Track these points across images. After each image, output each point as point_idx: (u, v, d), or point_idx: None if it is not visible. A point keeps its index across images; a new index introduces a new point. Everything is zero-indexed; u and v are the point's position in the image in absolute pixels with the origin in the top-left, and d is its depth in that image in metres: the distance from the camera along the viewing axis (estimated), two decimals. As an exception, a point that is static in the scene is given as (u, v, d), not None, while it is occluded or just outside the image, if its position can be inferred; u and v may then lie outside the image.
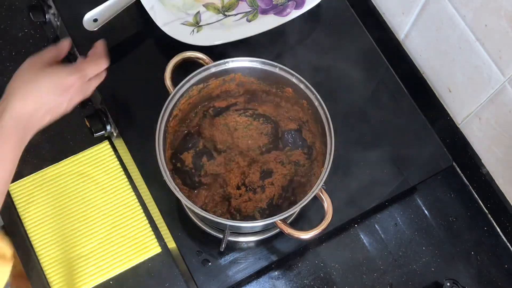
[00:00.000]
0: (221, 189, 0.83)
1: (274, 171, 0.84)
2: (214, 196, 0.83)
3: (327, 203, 0.74)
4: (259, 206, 0.82)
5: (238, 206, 0.82)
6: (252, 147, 0.85)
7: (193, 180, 0.82)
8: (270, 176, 0.83)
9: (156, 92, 0.84)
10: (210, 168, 0.83)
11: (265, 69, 0.82)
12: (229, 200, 0.82)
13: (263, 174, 0.83)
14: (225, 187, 0.83)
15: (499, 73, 0.83)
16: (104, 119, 0.93)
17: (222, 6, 0.98)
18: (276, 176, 0.83)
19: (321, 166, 0.77)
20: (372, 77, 0.98)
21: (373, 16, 1.05)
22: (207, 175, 0.83)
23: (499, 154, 0.91)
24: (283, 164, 0.84)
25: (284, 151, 0.85)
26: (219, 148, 0.85)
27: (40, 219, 0.93)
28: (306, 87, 0.80)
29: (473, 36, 0.85)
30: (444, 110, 0.99)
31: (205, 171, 0.83)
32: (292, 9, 0.96)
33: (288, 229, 0.73)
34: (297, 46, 0.98)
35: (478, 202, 0.98)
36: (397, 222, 0.94)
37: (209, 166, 0.84)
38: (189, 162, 0.83)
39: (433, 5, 0.91)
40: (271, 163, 0.84)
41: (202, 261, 0.84)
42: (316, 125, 0.81)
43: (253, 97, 0.87)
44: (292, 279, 0.90)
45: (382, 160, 0.92)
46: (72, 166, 0.97)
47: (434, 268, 0.92)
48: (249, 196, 0.82)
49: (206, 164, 0.83)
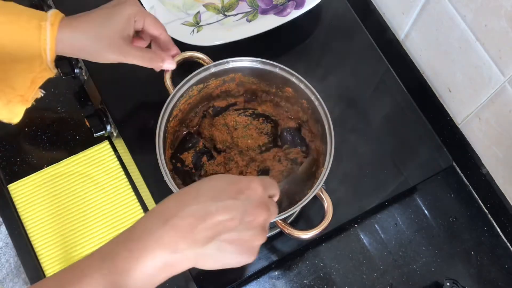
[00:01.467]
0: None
1: (271, 169, 0.84)
2: None
3: (327, 202, 0.74)
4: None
5: None
6: (251, 147, 0.85)
7: (193, 180, 0.82)
8: (267, 174, 0.83)
9: (156, 92, 0.84)
10: (210, 168, 0.83)
11: (265, 69, 0.82)
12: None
13: (260, 173, 0.83)
14: None
15: (499, 73, 0.83)
16: (104, 119, 0.93)
17: (222, 6, 0.98)
18: (273, 173, 0.83)
19: (321, 166, 0.77)
20: (372, 77, 0.98)
21: (373, 16, 1.05)
22: (207, 175, 0.83)
23: (499, 154, 0.91)
24: (280, 161, 0.84)
25: (283, 148, 0.85)
26: (218, 147, 0.85)
27: (40, 219, 0.93)
28: (306, 86, 0.81)
29: (473, 36, 0.85)
30: (444, 110, 0.99)
31: (205, 171, 0.83)
32: (292, 9, 0.96)
33: (288, 229, 0.73)
34: (297, 46, 0.98)
35: (478, 202, 0.98)
36: (397, 222, 0.94)
37: (209, 166, 0.84)
38: (189, 162, 0.83)
39: (433, 5, 0.91)
40: (268, 161, 0.84)
41: (202, 261, 0.84)
42: (316, 125, 0.81)
43: (253, 96, 0.87)
44: (292, 279, 0.90)
45: (382, 160, 0.92)
46: (72, 166, 0.97)
47: (434, 268, 0.92)
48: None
49: (206, 164, 0.83)
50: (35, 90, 0.76)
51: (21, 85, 0.74)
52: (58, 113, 1.01)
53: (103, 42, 0.74)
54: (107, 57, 0.75)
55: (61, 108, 1.01)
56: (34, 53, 0.72)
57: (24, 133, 0.98)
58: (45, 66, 0.74)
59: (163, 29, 0.80)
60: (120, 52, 0.75)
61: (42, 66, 0.74)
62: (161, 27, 0.80)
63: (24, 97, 0.75)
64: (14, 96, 0.74)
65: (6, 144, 0.97)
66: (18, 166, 0.96)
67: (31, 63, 0.73)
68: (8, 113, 0.76)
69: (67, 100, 1.02)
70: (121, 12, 0.75)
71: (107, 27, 0.74)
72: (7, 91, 0.73)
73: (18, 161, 0.96)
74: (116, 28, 0.75)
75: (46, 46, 0.72)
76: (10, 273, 1.49)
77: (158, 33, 0.80)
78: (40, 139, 0.98)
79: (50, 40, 0.72)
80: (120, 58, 0.76)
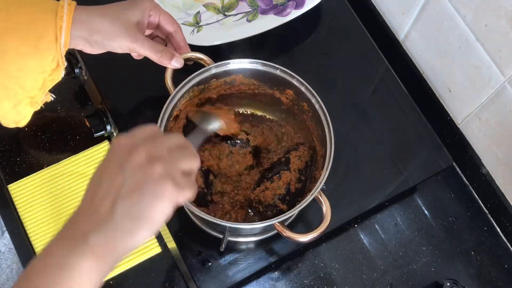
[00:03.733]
0: (236, 195, 0.84)
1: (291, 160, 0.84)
2: (231, 203, 0.83)
3: (326, 206, 0.74)
4: (277, 193, 0.82)
5: (257, 197, 0.82)
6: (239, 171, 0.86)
7: (206, 200, 0.82)
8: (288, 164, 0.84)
9: (156, 92, 0.84)
10: (218, 185, 0.84)
11: (266, 70, 0.82)
12: (249, 196, 0.83)
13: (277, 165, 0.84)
14: (239, 190, 0.84)
15: (499, 73, 0.83)
16: (104, 119, 0.93)
17: (222, 6, 0.98)
18: (292, 159, 0.83)
19: (320, 169, 0.77)
20: (372, 77, 0.98)
21: (373, 16, 1.05)
22: (217, 193, 0.83)
23: (499, 154, 0.91)
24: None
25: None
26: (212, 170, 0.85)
27: (40, 219, 0.93)
28: (307, 89, 0.80)
29: (473, 36, 0.85)
30: (444, 110, 0.99)
31: (215, 188, 0.83)
32: (292, 9, 0.96)
33: (286, 232, 0.73)
34: (296, 46, 0.98)
35: (478, 202, 0.98)
36: (397, 222, 0.94)
37: (218, 183, 0.84)
38: (200, 183, 0.82)
39: (433, 5, 0.91)
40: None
41: (202, 261, 0.84)
42: (317, 128, 0.81)
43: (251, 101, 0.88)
44: (292, 279, 0.90)
45: (382, 160, 0.92)
46: (72, 166, 0.97)
47: (434, 268, 0.92)
48: (266, 185, 0.82)
49: (215, 182, 0.83)
50: (45, 92, 0.76)
51: (32, 86, 0.74)
52: (58, 113, 1.01)
53: (118, 25, 0.75)
54: (120, 42, 0.76)
55: (61, 108, 1.01)
56: (49, 39, 0.72)
57: (24, 133, 0.98)
58: (57, 61, 0.74)
59: (177, 27, 0.82)
60: (133, 38, 0.76)
61: (54, 62, 0.73)
62: (176, 24, 0.82)
63: (34, 99, 0.76)
64: (24, 98, 0.74)
65: (6, 144, 0.97)
66: (18, 166, 0.96)
67: (44, 57, 0.73)
68: (16, 115, 0.76)
69: (67, 100, 1.02)
70: (137, 4, 0.78)
71: (123, 15, 0.76)
72: (18, 91, 0.73)
73: (18, 161, 0.96)
74: (132, 17, 0.77)
75: (62, 24, 0.72)
76: (11, 278, 1.49)
77: (172, 30, 0.82)
78: (40, 139, 0.98)
79: (67, 18, 0.72)
80: (132, 45, 0.76)
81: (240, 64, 0.82)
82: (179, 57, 0.80)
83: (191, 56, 0.83)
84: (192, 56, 0.83)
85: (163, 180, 0.55)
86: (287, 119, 0.88)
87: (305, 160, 0.84)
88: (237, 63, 0.82)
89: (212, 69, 0.81)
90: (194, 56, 0.83)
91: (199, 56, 0.83)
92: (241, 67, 0.82)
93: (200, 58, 0.83)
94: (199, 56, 0.83)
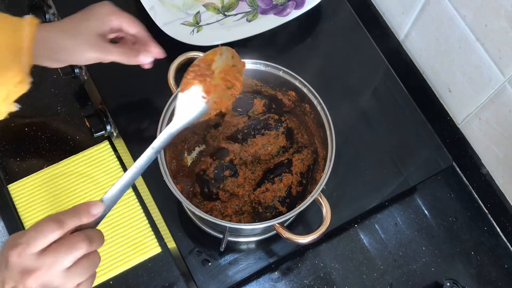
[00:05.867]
0: (245, 205, 0.83)
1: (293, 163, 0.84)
2: (235, 211, 0.83)
3: (326, 208, 0.74)
4: (278, 195, 0.81)
5: (257, 198, 0.82)
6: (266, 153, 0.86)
7: (209, 189, 0.82)
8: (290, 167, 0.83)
9: (156, 92, 0.83)
10: (229, 186, 0.83)
11: (268, 71, 0.81)
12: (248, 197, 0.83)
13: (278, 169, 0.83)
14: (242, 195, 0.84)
15: (499, 73, 0.83)
16: (104, 119, 0.93)
17: (222, 6, 0.98)
18: (294, 162, 0.83)
19: (321, 171, 0.77)
20: (372, 77, 0.98)
21: (373, 16, 1.05)
22: (224, 190, 0.83)
23: (499, 154, 0.91)
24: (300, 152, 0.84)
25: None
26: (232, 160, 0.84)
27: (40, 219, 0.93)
28: (309, 91, 0.80)
29: (473, 36, 0.85)
30: (444, 110, 0.99)
31: (224, 184, 0.82)
32: (292, 9, 0.96)
33: (286, 233, 0.73)
34: (296, 46, 0.98)
35: (478, 202, 0.98)
36: (397, 222, 0.94)
37: (230, 183, 0.83)
38: (210, 172, 0.82)
39: (433, 5, 0.91)
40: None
41: (202, 261, 0.84)
42: (318, 130, 0.81)
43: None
44: (292, 279, 0.90)
45: (382, 160, 0.92)
46: (72, 166, 0.97)
47: (434, 268, 0.92)
48: (267, 187, 0.82)
49: (228, 179, 0.82)
50: (9, 104, 0.75)
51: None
52: (58, 113, 1.01)
53: (80, 39, 0.75)
54: (86, 55, 0.76)
55: (61, 108, 1.01)
56: (11, 59, 0.71)
57: (24, 133, 0.98)
58: (20, 77, 0.73)
59: (140, 27, 0.81)
60: (98, 48, 0.76)
61: (17, 77, 0.72)
62: (138, 25, 0.81)
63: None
64: None
65: (6, 144, 0.97)
66: (18, 166, 0.96)
67: (6, 74, 0.72)
68: None
69: (67, 100, 1.02)
70: (95, 12, 0.77)
71: (83, 26, 0.76)
72: None
73: (18, 161, 0.96)
74: (91, 26, 0.76)
75: (22, 45, 0.72)
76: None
77: (135, 31, 0.81)
78: (40, 139, 0.98)
79: (28, 37, 0.72)
80: (98, 55, 0.76)
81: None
82: (147, 51, 0.80)
83: (192, 56, 0.83)
84: (193, 56, 0.83)
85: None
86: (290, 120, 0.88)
87: (307, 163, 0.83)
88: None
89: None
90: (196, 56, 0.83)
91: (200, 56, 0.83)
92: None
93: None
94: (199, 56, 0.83)
